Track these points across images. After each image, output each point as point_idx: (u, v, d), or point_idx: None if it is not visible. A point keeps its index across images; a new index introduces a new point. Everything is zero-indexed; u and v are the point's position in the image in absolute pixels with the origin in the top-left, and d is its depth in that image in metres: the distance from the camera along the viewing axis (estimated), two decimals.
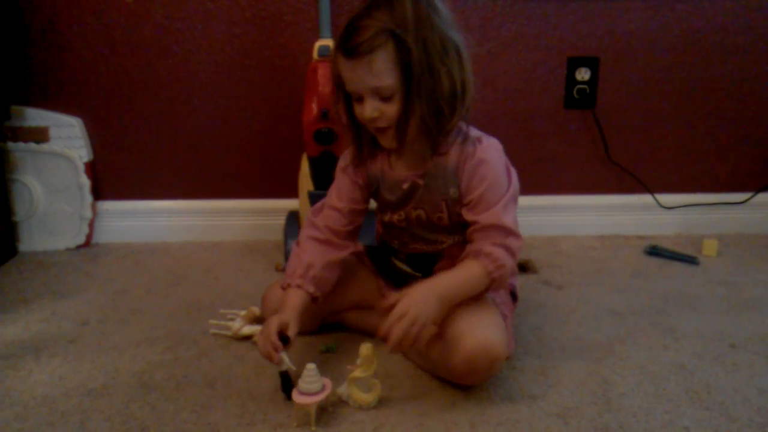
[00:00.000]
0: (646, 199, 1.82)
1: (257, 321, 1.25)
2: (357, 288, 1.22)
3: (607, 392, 1.06)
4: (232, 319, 1.27)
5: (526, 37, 1.70)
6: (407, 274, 1.19)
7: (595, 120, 1.76)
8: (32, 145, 1.68)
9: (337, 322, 1.25)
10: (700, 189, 1.83)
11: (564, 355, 1.18)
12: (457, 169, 1.07)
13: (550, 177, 1.80)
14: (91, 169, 1.72)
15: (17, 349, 1.21)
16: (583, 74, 1.73)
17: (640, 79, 1.74)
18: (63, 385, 1.09)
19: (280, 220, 1.69)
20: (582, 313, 1.35)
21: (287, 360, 1.02)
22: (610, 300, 1.41)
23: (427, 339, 1.01)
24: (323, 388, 0.97)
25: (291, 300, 1.08)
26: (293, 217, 1.65)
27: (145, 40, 1.66)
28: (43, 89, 1.68)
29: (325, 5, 1.53)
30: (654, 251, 1.68)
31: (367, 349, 0.99)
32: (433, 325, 1.02)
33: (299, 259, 1.12)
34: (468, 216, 1.07)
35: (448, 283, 1.03)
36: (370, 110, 1.00)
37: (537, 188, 1.79)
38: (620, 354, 1.18)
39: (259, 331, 1.10)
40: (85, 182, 1.70)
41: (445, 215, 1.11)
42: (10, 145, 1.67)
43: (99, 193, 1.76)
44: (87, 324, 1.31)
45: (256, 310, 1.26)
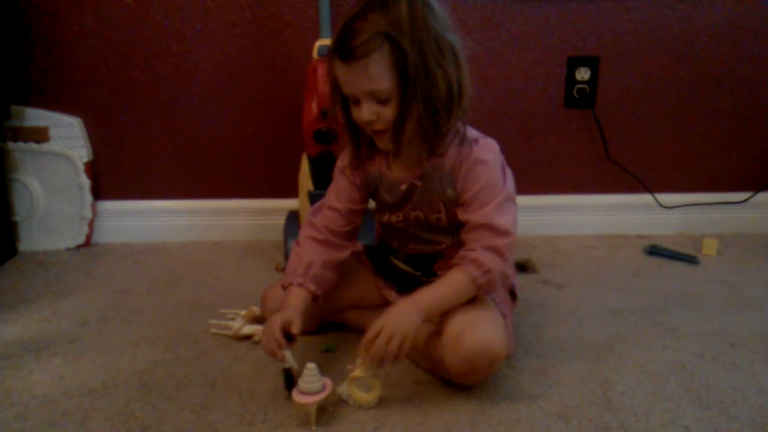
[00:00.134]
0: (646, 198, 1.82)
1: (257, 321, 1.25)
2: (356, 287, 1.23)
3: (608, 392, 1.06)
4: (232, 319, 1.28)
5: (526, 36, 1.70)
6: (407, 273, 1.20)
7: (595, 120, 1.76)
8: (32, 145, 1.68)
9: (336, 322, 1.25)
10: (700, 188, 1.83)
11: (564, 354, 1.18)
12: (454, 169, 1.06)
13: (550, 176, 1.80)
14: (91, 169, 1.72)
15: (17, 349, 1.21)
16: (582, 74, 1.73)
17: (640, 79, 1.74)
18: (63, 384, 1.09)
19: (280, 220, 1.69)
20: (582, 313, 1.35)
21: (291, 357, 1.02)
22: (611, 299, 1.41)
23: (406, 353, 1.00)
24: (323, 387, 0.97)
25: (293, 298, 1.08)
26: (293, 217, 1.64)
27: (145, 40, 1.66)
28: (43, 89, 1.68)
29: (325, 5, 1.53)
30: (654, 251, 1.68)
31: None
32: (417, 337, 1.02)
33: (299, 258, 1.12)
34: (461, 215, 1.07)
35: (432, 296, 1.03)
36: (366, 113, 1.00)
37: (537, 188, 1.79)
38: (620, 353, 1.18)
39: (261, 329, 1.10)
40: (85, 182, 1.70)
41: (443, 216, 1.10)
42: (10, 145, 1.67)
43: (99, 193, 1.76)
44: (87, 324, 1.31)
45: (257, 310, 1.26)
